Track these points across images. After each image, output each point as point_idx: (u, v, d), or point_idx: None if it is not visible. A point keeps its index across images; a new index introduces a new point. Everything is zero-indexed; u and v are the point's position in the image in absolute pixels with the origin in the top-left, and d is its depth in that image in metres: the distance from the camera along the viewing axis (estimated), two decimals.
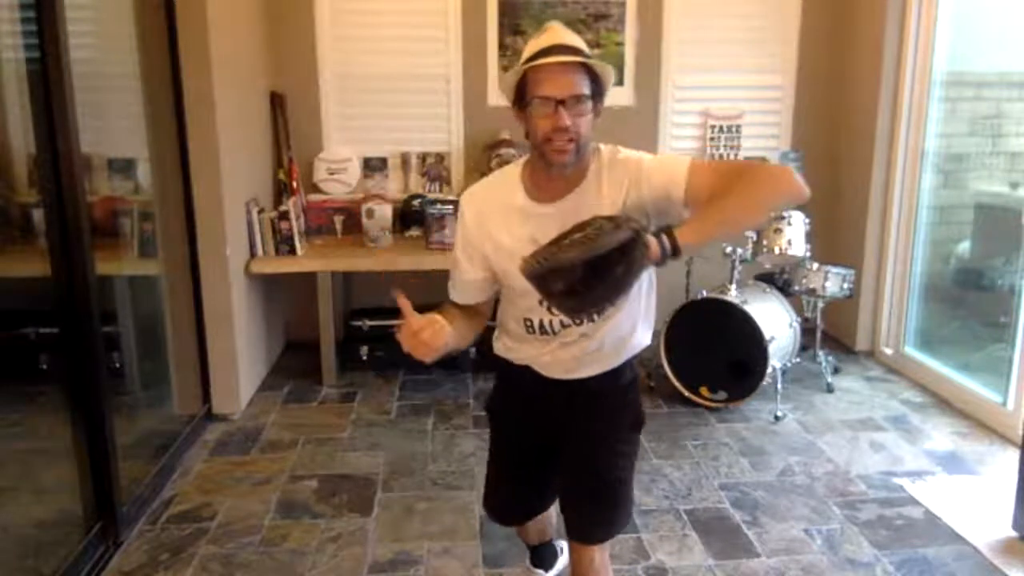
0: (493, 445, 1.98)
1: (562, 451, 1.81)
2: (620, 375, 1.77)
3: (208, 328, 3.44)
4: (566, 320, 1.65)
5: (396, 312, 1.45)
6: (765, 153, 4.56)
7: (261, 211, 3.83)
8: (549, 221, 1.55)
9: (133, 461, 2.84)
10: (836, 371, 4.06)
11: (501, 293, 1.75)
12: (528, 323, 1.70)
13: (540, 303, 1.62)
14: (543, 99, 1.48)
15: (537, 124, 1.50)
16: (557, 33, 1.54)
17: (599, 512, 1.77)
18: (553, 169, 1.54)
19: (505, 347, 1.81)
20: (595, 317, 1.64)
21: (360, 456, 3.20)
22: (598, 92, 1.52)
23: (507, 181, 1.65)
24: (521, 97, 1.54)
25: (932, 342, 4.11)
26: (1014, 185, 3.77)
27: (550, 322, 1.68)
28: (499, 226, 1.62)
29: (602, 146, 1.62)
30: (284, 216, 3.82)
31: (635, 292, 1.66)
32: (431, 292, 2.01)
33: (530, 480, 1.92)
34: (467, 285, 1.72)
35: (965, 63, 3.94)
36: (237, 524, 2.70)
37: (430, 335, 1.44)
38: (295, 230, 3.82)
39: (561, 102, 1.47)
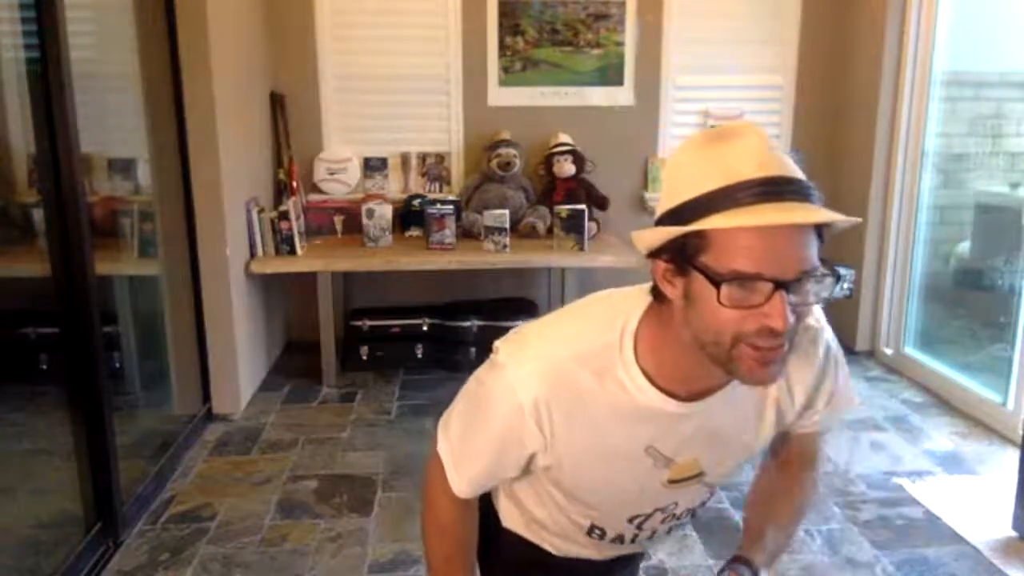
0: None
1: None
2: None
3: (208, 328, 3.44)
4: (648, 529, 1.24)
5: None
6: None
7: (261, 211, 3.82)
8: (682, 425, 1.06)
9: (133, 461, 2.84)
10: None
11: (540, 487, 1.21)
12: (596, 531, 1.23)
13: (630, 521, 1.20)
14: (752, 279, 0.86)
15: (722, 316, 0.88)
16: (767, 152, 0.90)
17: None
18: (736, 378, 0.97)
19: (533, 532, 1.30)
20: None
21: (360, 456, 3.20)
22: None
23: (610, 358, 1.02)
24: (681, 253, 0.90)
25: (932, 342, 4.11)
26: (1014, 185, 3.77)
27: (623, 535, 1.24)
28: (595, 428, 1.05)
29: None
30: (284, 216, 3.82)
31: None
32: (430, 290, 2.00)
33: None
34: (490, 480, 1.19)
35: (965, 63, 3.94)
36: (237, 524, 2.70)
37: None
38: (295, 230, 3.82)
39: (783, 286, 0.86)
